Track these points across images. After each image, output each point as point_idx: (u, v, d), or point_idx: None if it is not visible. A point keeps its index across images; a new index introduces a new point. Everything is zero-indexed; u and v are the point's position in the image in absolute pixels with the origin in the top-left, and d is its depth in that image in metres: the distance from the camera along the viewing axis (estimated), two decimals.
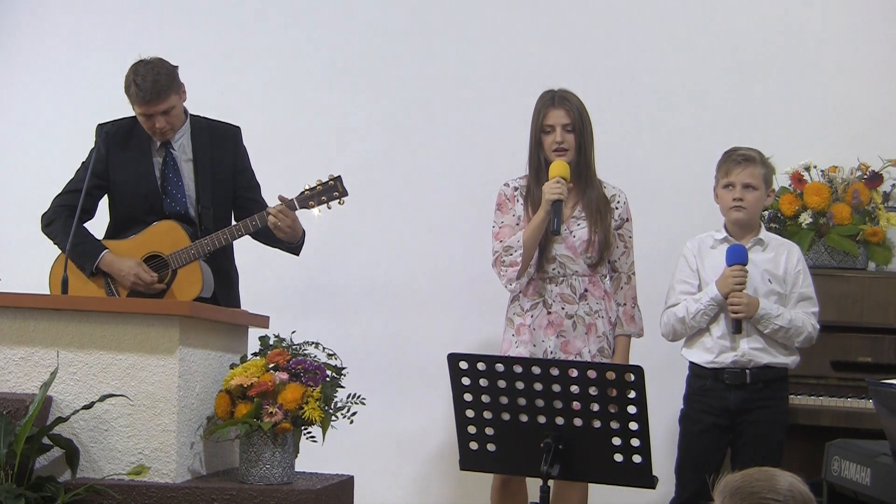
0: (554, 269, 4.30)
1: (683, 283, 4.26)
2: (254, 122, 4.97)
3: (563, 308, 4.29)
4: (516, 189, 4.39)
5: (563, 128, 4.28)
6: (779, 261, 4.22)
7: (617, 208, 4.38)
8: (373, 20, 5.58)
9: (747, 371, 4.13)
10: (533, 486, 4.39)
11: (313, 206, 4.26)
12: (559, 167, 4.22)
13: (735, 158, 4.20)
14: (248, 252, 4.67)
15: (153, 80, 4.22)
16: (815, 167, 4.92)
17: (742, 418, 4.15)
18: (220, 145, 4.45)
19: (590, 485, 4.30)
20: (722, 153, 4.30)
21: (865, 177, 4.85)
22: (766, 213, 4.88)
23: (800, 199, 4.85)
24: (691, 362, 4.24)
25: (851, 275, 4.69)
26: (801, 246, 4.68)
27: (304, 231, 4.38)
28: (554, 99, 4.31)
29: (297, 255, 4.48)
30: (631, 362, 4.22)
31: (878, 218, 4.79)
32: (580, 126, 4.29)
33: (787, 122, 5.22)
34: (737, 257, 4.11)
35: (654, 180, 5.28)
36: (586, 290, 4.31)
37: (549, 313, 4.29)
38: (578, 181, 4.32)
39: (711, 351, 4.17)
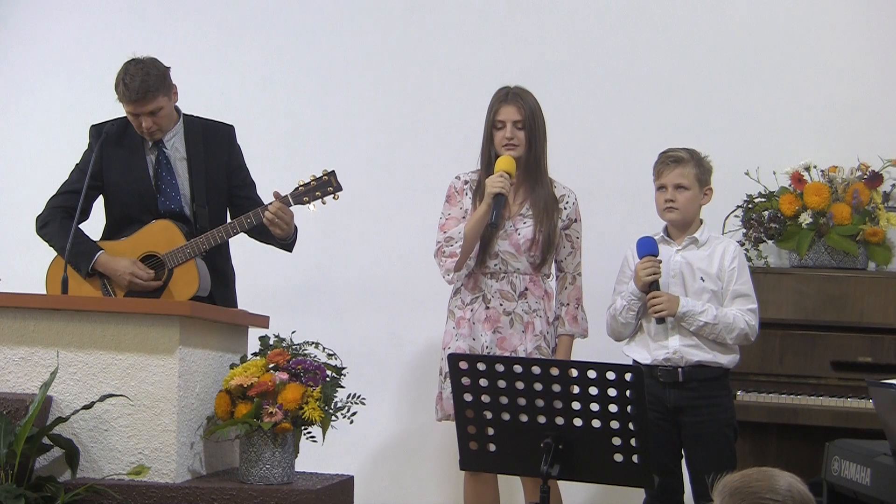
0: (495, 265, 4.32)
1: (621, 283, 4.25)
2: (253, 121, 4.98)
3: (501, 304, 4.31)
4: (466, 183, 4.42)
5: (513, 124, 4.30)
6: (713, 258, 4.17)
7: (565, 208, 4.39)
8: (371, 20, 5.58)
9: (679, 369, 4.08)
10: (504, 481, 4.39)
11: (308, 202, 4.25)
12: (505, 162, 4.25)
13: (665, 160, 4.19)
14: (247, 252, 4.67)
15: (141, 80, 4.21)
16: (815, 167, 4.92)
17: (683, 419, 4.10)
18: (214, 144, 4.45)
19: (589, 485, 4.30)
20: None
21: (865, 177, 4.85)
22: (766, 213, 4.89)
23: (800, 199, 4.85)
24: (633, 360, 4.22)
25: (851, 275, 4.69)
26: (801, 246, 4.69)
27: (296, 227, 4.38)
28: (507, 95, 4.33)
29: (290, 251, 4.47)
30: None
31: (878, 218, 4.79)
32: (531, 123, 4.31)
33: (787, 122, 5.21)
34: (646, 249, 4.10)
35: (652, 181, 5.27)
36: (526, 289, 4.32)
37: (487, 308, 4.31)
38: (527, 179, 4.33)
39: (647, 348, 4.16)
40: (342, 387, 3.98)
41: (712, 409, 4.10)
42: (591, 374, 3.20)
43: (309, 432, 3.97)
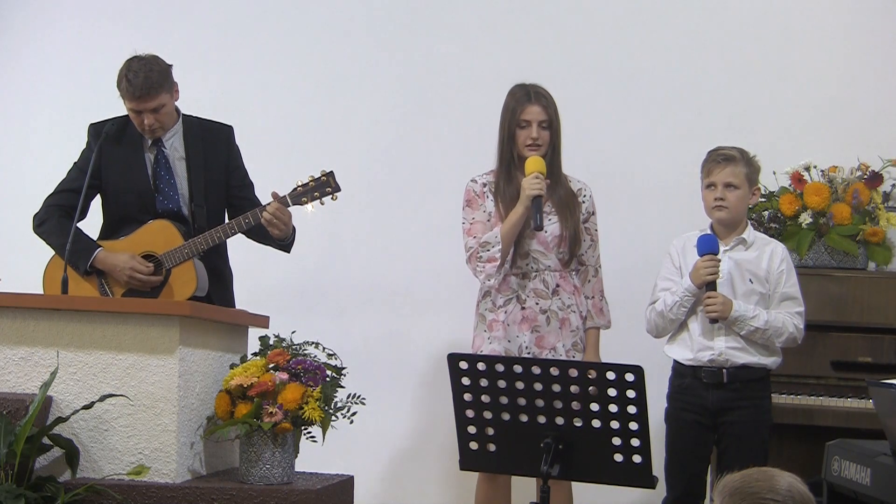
0: (527, 265, 4.33)
1: (666, 280, 4.25)
2: (253, 121, 4.98)
3: (536, 303, 4.31)
4: (485, 185, 4.41)
5: (539, 124, 4.30)
6: (761, 260, 4.19)
7: (584, 202, 4.41)
8: (372, 20, 5.58)
9: (724, 371, 4.09)
10: (517, 482, 4.40)
11: (306, 203, 4.25)
12: (536, 163, 4.24)
13: (716, 158, 4.18)
14: (247, 252, 4.67)
15: (145, 77, 4.22)
16: (815, 167, 4.91)
17: (723, 419, 4.11)
18: (213, 144, 4.45)
19: (590, 485, 4.29)
20: (707, 153, 4.27)
21: (865, 177, 4.84)
22: (766, 213, 4.88)
23: (800, 199, 4.84)
24: (673, 360, 4.22)
25: (851, 275, 4.69)
26: (801, 246, 4.69)
27: (294, 228, 4.38)
28: (530, 95, 4.33)
29: (289, 252, 4.47)
30: (631, 362, 4.22)
31: (878, 218, 4.79)
32: (555, 123, 4.33)
33: (787, 122, 5.22)
34: (707, 247, 4.09)
35: (653, 181, 5.28)
36: (558, 286, 4.33)
37: (523, 308, 4.31)
38: (550, 177, 4.33)
39: (691, 349, 4.15)
40: (342, 387, 3.98)
41: (752, 411, 4.11)
42: (591, 374, 3.20)
43: (309, 432, 3.97)
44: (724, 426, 4.11)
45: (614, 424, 3.18)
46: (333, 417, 3.91)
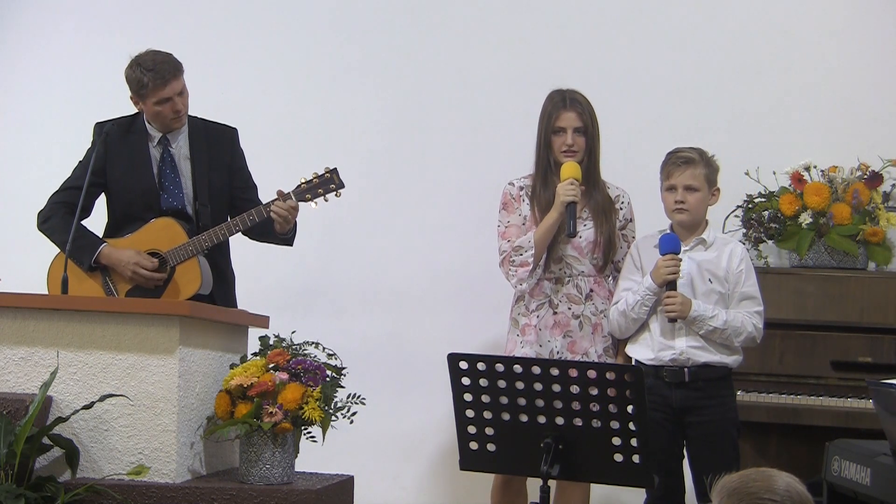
0: (560, 270, 4.31)
1: (627, 280, 4.24)
2: (254, 121, 4.98)
3: (569, 308, 4.30)
4: (521, 189, 4.39)
5: (574, 130, 4.30)
6: (721, 260, 4.17)
7: (621, 209, 4.40)
8: (373, 20, 5.58)
9: (686, 369, 4.08)
10: (533, 486, 4.41)
11: (310, 200, 4.27)
12: (571, 169, 4.23)
13: (675, 161, 4.17)
14: (247, 252, 4.67)
15: (163, 61, 4.27)
16: (815, 167, 4.92)
17: (688, 419, 4.10)
18: (218, 145, 4.46)
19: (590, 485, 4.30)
20: (666, 154, 4.26)
21: (865, 177, 4.85)
22: (766, 213, 4.89)
23: (800, 199, 4.85)
24: (635, 360, 4.22)
25: (851, 275, 4.69)
26: (801, 246, 4.69)
27: (295, 222, 4.38)
28: (566, 101, 4.31)
29: (291, 245, 4.48)
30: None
31: (878, 218, 4.79)
32: (591, 129, 4.32)
33: (787, 122, 5.21)
34: (669, 246, 4.09)
35: (653, 181, 5.27)
36: (592, 291, 4.32)
37: (555, 313, 4.30)
38: (586, 183, 4.32)
39: (652, 348, 4.14)
40: (342, 387, 3.98)
41: (718, 409, 4.10)
42: (591, 374, 3.20)
43: (309, 432, 3.97)
44: (692, 427, 4.10)
45: (614, 424, 3.18)
46: (333, 417, 3.91)
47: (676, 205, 4.16)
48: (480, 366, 3.26)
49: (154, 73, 4.24)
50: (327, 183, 4.27)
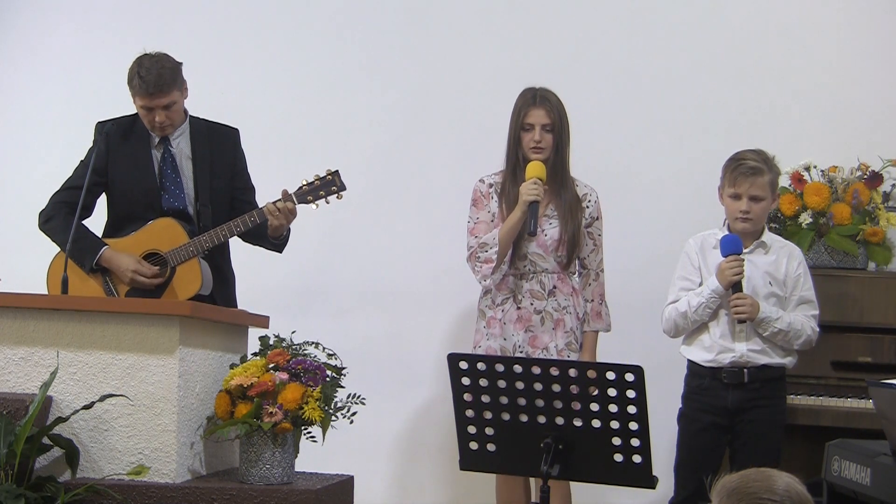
0: (525, 266, 4.37)
1: (684, 280, 4.25)
2: (254, 122, 4.97)
3: (531, 304, 4.36)
4: (491, 186, 4.44)
5: (542, 127, 4.34)
6: (780, 263, 4.22)
7: (588, 207, 4.44)
8: (373, 20, 5.58)
9: (745, 370, 4.13)
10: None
11: (312, 201, 4.28)
12: (536, 168, 4.28)
13: (743, 171, 4.14)
14: (248, 252, 4.67)
15: (157, 74, 4.23)
16: (815, 167, 4.91)
17: (740, 418, 4.14)
18: (220, 146, 4.46)
19: (590, 485, 4.29)
20: (729, 156, 4.24)
21: (865, 177, 4.84)
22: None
23: (800, 199, 4.84)
24: (689, 360, 4.23)
25: (851, 275, 4.69)
26: (801, 246, 4.68)
27: (289, 228, 4.39)
28: (535, 98, 4.36)
29: (281, 252, 4.49)
30: (631, 362, 4.21)
31: (878, 218, 4.79)
32: (559, 127, 4.36)
33: (787, 122, 5.21)
34: (731, 247, 4.10)
35: (653, 181, 5.28)
36: (555, 287, 4.37)
37: (518, 308, 4.37)
38: (553, 181, 4.36)
39: (710, 350, 4.17)
40: (342, 387, 3.98)
41: (769, 410, 4.16)
42: (591, 374, 3.20)
43: (309, 432, 3.97)
44: (741, 425, 4.15)
45: (614, 424, 3.18)
46: (333, 417, 3.91)
47: (741, 214, 4.15)
48: (480, 366, 3.26)
49: (143, 82, 4.23)
50: (329, 185, 4.28)
